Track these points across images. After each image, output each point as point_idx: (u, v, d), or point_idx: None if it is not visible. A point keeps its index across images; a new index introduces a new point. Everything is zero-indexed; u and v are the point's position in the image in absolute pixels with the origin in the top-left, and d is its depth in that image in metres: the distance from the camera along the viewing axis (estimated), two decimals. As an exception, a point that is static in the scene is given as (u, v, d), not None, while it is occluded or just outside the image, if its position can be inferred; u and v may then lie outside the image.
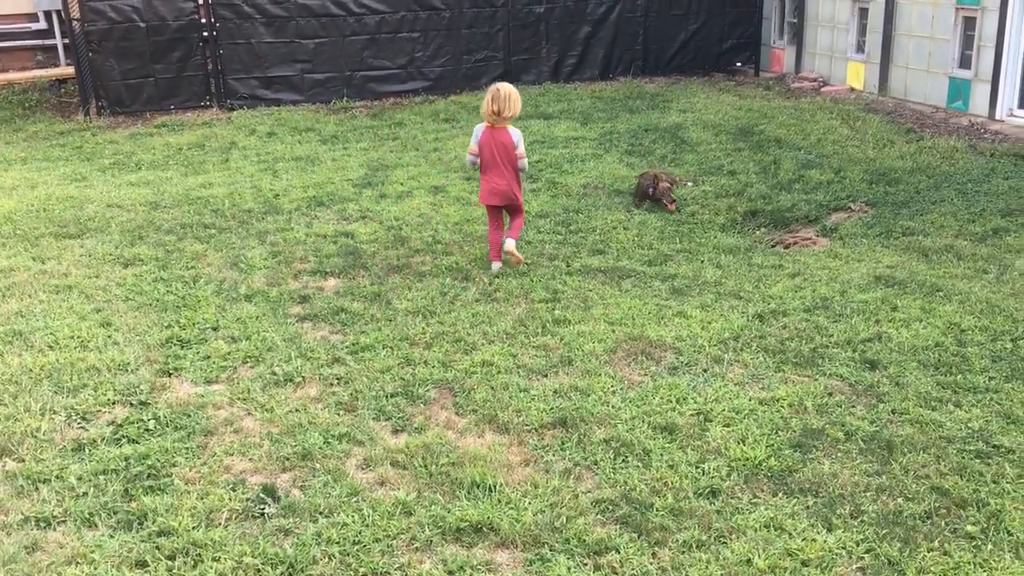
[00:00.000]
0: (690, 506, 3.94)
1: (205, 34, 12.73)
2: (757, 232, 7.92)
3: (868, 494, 4.00)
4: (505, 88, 6.51)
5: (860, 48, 13.02)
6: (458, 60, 13.64)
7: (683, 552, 3.66)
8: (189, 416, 4.73)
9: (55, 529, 3.86)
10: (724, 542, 3.71)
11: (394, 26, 13.28)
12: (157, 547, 3.71)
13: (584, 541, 3.71)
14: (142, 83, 12.60)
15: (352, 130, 11.57)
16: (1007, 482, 4.06)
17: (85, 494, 4.07)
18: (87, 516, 3.92)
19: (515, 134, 6.67)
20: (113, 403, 4.87)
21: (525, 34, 13.84)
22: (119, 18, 12.28)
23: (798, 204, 8.34)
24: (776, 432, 4.50)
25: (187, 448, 4.44)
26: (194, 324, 5.84)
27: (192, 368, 5.28)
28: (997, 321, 5.65)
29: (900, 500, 3.95)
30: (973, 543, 3.68)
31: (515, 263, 6.81)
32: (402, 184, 9.11)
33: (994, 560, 3.58)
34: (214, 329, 5.79)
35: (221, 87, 12.89)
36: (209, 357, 5.40)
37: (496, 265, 6.78)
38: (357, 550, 3.69)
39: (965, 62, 11.28)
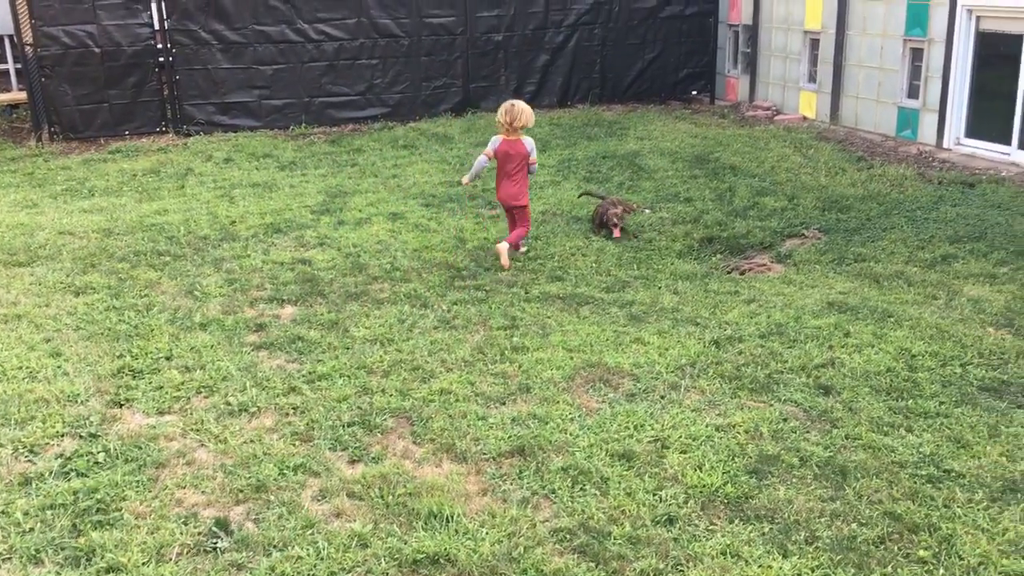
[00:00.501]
0: (647, 534, 3.94)
1: (161, 59, 12.64)
2: (713, 258, 8.00)
3: (823, 520, 4.04)
4: (517, 104, 7.57)
5: (812, 78, 13.29)
6: (417, 87, 13.68)
7: (640, 581, 3.66)
8: (140, 448, 4.64)
9: (0, 567, 3.76)
10: (681, 570, 3.71)
11: (353, 53, 13.29)
12: (105, 584, 3.63)
13: (542, 571, 3.70)
14: (96, 108, 12.46)
15: (310, 156, 11.52)
16: (958, 506, 4.12)
17: (32, 530, 3.97)
18: (34, 552, 3.82)
19: (528, 143, 7.64)
20: (62, 435, 4.77)
21: (484, 61, 13.93)
22: (73, 43, 12.15)
23: (753, 231, 8.45)
24: (732, 458, 4.53)
25: (138, 481, 4.36)
26: (147, 354, 5.75)
27: (144, 399, 5.19)
28: (946, 347, 5.75)
29: (854, 525, 3.99)
30: (926, 568, 3.73)
31: (502, 264, 7.44)
32: (360, 211, 9.08)
33: (946, 584, 3.62)
34: (167, 359, 5.71)
35: (177, 113, 12.78)
36: (162, 387, 5.32)
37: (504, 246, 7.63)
38: (312, 584, 3.64)
39: (913, 92, 11.56)
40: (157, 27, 12.54)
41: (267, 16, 12.80)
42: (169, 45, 12.57)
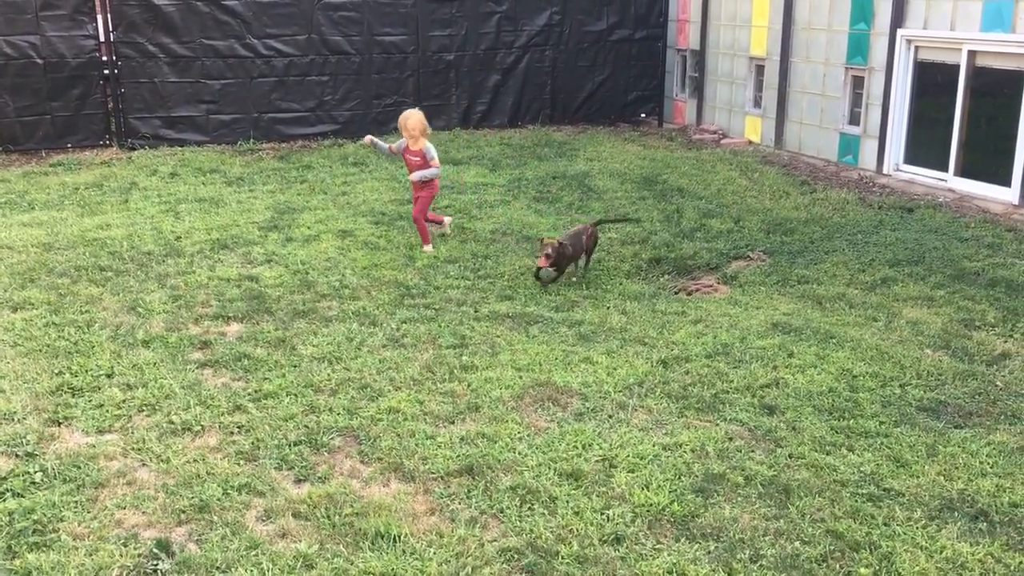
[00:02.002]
0: (595, 553, 3.96)
1: (106, 72, 12.44)
2: (661, 279, 8.09)
3: (767, 538, 4.09)
4: (408, 111, 8.68)
5: (757, 103, 13.56)
6: (368, 104, 13.64)
7: (588, 600, 3.67)
8: (79, 468, 4.54)
9: (-71, 591, 3.64)
10: (628, 589, 3.73)
11: (303, 69, 13.22)
12: (41, 608, 3.53)
13: (489, 591, 3.69)
14: (38, 120, 12.20)
15: (258, 172, 11.42)
16: (897, 524, 4.21)
17: (-37, 552, 3.85)
18: (-35, 576, 3.70)
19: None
20: (-3, 454, 4.64)
21: (435, 80, 13.96)
22: (15, 54, 11.90)
23: (700, 252, 8.57)
24: (679, 477, 4.57)
25: (76, 502, 4.25)
26: (87, 371, 5.63)
27: (84, 417, 5.07)
28: (886, 367, 5.88)
29: (797, 543, 4.05)
30: (866, 585, 3.79)
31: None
32: (309, 228, 9.02)
33: (886, 601, 3.69)
34: (108, 376, 5.59)
35: (122, 126, 12.58)
36: (102, 405, 5.21)
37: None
38: (255, 606, 3.58)
39: (855, 119, 11.85)
40: (103, 39, 12.34)
41: (216, 30, 12.68)
42: (115, 57, 12.39)
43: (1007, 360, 6.09)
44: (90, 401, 5.26)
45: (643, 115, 15.35)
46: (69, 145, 12.37)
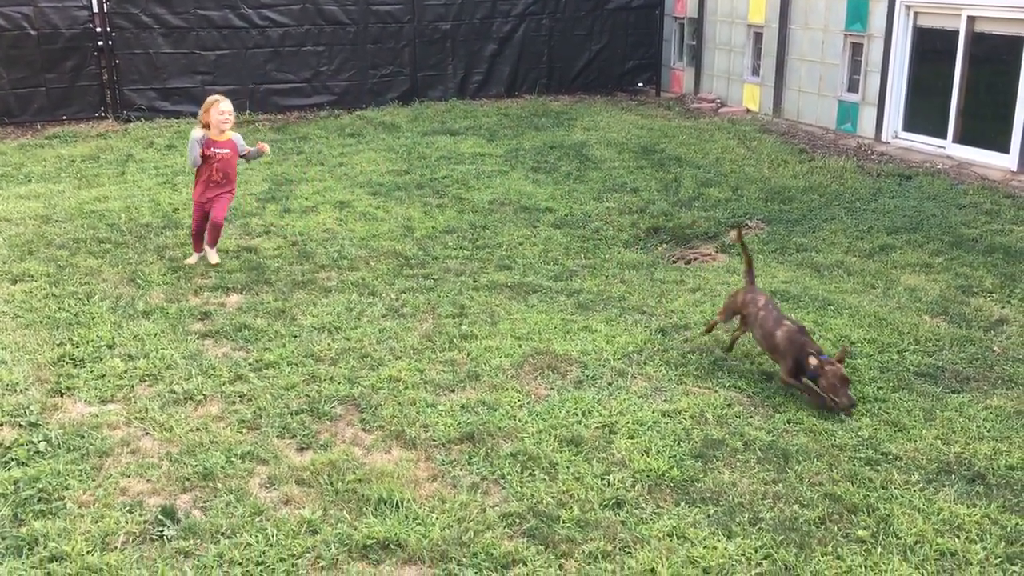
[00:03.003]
0: (596, 517, 4.00)
1: (100, 43, 12.35)
2: (659, 248, 8.10)
3: (766, 502, 4.13)
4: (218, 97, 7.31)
5: (755, 71, 13.49)
6: (364, 75, 13.57)
7: (589, 563, 3.71)
8: (83, 437, 4.56)
9: (-63, 558, 3.67)
10: (629, 552, 3.77)
11: (298, 39, 13.14)
12: (49, 573, 3.57)
13: (491, 555, 3.72)
14: (32, 92, 12.13)
15: (255, 144, 11.34)
16: (895, 488, 4.25)
17: (-30, 520, 3.88)
18: (-28, 543, 3.74)
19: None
20: (0, 425, 4.66)
21: (431, 50, 13.88)
22: (8, 25, 11.81)
23: (698, 221, 8.57)
24: (678, 443, 4.61)
25: (81, 470, 4.28)
26: (88, 342, 5.64)
27: (86, 387, 5.10)
28: (884, 334, 5.91)
29: (796, 507, 4.09)
30: (864, 547, 3.84)
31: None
32: (307, 199, 9.00)
33: (884, 563, 3.73)
34: (109, 347, 5.61)
35: (117, 98, 12.51)
36: (104, 376, 5.23)
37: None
38: (261, 571, 3.62)
39: (853, 86, 11.81)
40: (96, 10, 12.24)
41: (210, 0, 12.58)
42: (109, 28, 12.29)
43: (1004, 325, 6.11)
44: (92, 371, 5.28)
45: (640, 84, 15.28)
46: (64, 117, 12.31)
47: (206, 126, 7.08)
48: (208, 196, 7.17)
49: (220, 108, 7.07)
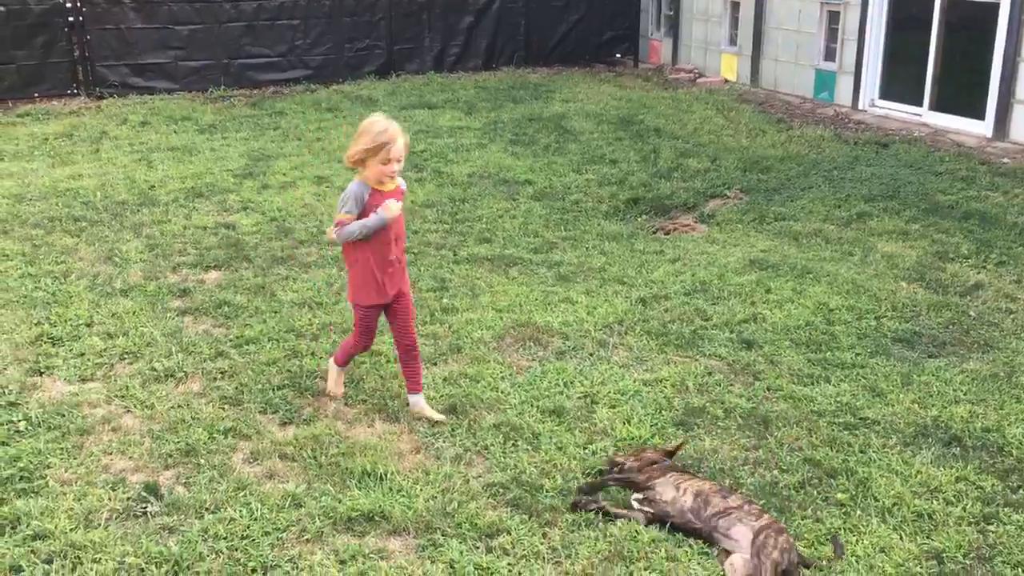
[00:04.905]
0: (578, 486, 4.02)
1: (71, 19, 12.14)
2: (639, 219, 8.11)
3: (746, 467, 4.18)
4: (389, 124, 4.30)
5: (733, 41, 13.47)
6: (340, 49, 13.44)
7: (572, 531, 3.74)
8: (63, 416, 4.54)
9: (-82, 539, 3.66)
10: (611, 520, 3.81)
11: (273, 13, 12.98)
12: (33, 551, 3.56)
13: (476, 525, 3.75)
14: (2, 70, 11.92)
15: (231, 119, 11.26)
16: (873, 451, 4.31)
17: (-49, 501, 3.86)
18: (-46, 523, 3.72)
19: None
20: (-21, 405, 4.63)
21: (408, 23, 13.75)
22: (-25, 1, 11.60)
23: (677, 192, 8.58)
24: (660, 411, 4.65)
25: (62, 448, 4.27)
26: (66, 321, 5.60)
27: (65, 366, 5.06)
28: (862, 301, 5.96)
29: (776, 472, 4.14)
30: (843, 510, 3.89)
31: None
32: (285, 174, 8.94)
33: (862, 525, 3.79)
34: (88, 325, 5.57)
35: (89, 74, 12.33)
36: (83, 354, 5.19)
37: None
38: (246, 544, 3.63)
39: (830, 55, 11.82)
40: (65, -16, 12.04)
41: (182, -26, 12.41)
42: (79, 3, 12.08)
43: (980, 290, 6.18)
44: (71, 350, 5.24)
45: (618, 55, 15.22)
46: (36, 95, 12.12)
47: (358, 164, 4.29)
48: (387, 284, 4.46)
49: (399, 146, 4.25)
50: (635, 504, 3.83)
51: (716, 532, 3.60)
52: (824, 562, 3.54)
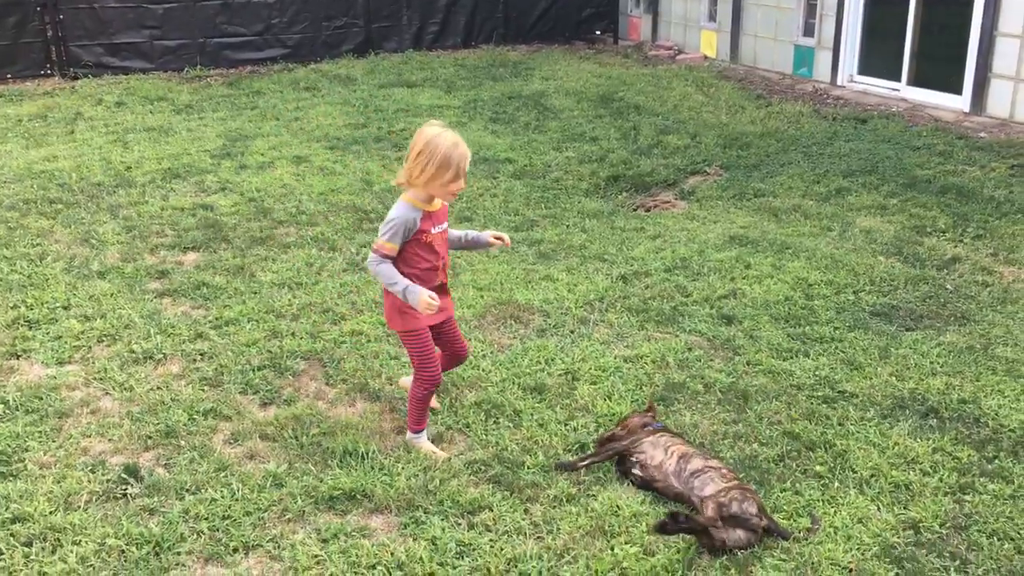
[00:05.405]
0: (557, 463, 4.03)
1: (43, -2, 11.99)
2: (619, 196, 8.11)
3: (726, 441, 4.21)
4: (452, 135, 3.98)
5: (712, 17, 13.44)
6: (317, 27, 13.32)
7: (554, 506, 3.76)
8: (41, 399, 4.51)
9: None
10: (592, 495, 3.83)
11: (248, -9, 12.85)
12: (12, 534, 3.54)
13: (458, 502, 3.76)
14: (-26, 50, 11.77)
15: (208, 99, 11.15)
16: (851, 424, 4.34)
17: (-72, 485, 3.83)
18: (-68, 508, 3.70)
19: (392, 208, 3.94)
20: (-44, 389, 4.59)
21: (386, 1, 13.64)
22: (-56, -20, 11.41)
23: (657, 169, 8.58)
24: (640, 387, 4.66)
25: (40, 431, 4.24)
26: (42, 303, 5.55)
27: (42, 349, 5.02)
28: (840, 275, 5.99)
29: (755, 445, 4.17)
30: (822, 482, 3.93)
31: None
32: (263, 154, 8.87)
33: (840, 496, 3.82)
34: (65, 308, 5.52)
35: (63, 55, 12.17)
36: (61, 337, 5.15)
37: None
38: (227, 524, 3.62)
39: (809, 30, 11.82)
40: (36, -37, 11.86)
41: (155, -48, 12.24)
42: (50, -18, 11.92)
43: (957, 264, 6.23)
44: (48, 333, 5.20)
45: (598, 32, 15.17)
46: (8, 76, 11.97)
47: (407, 183, 3.88)
48: (439, 306, 3.87)
49: (467, 163, 3.94)
50: (635, 472, 3.86)
51: (691, 492, 3.65)
52: (802, 533, 3.58)
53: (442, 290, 4.04)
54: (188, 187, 7.92)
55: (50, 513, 3.66)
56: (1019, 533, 3.60)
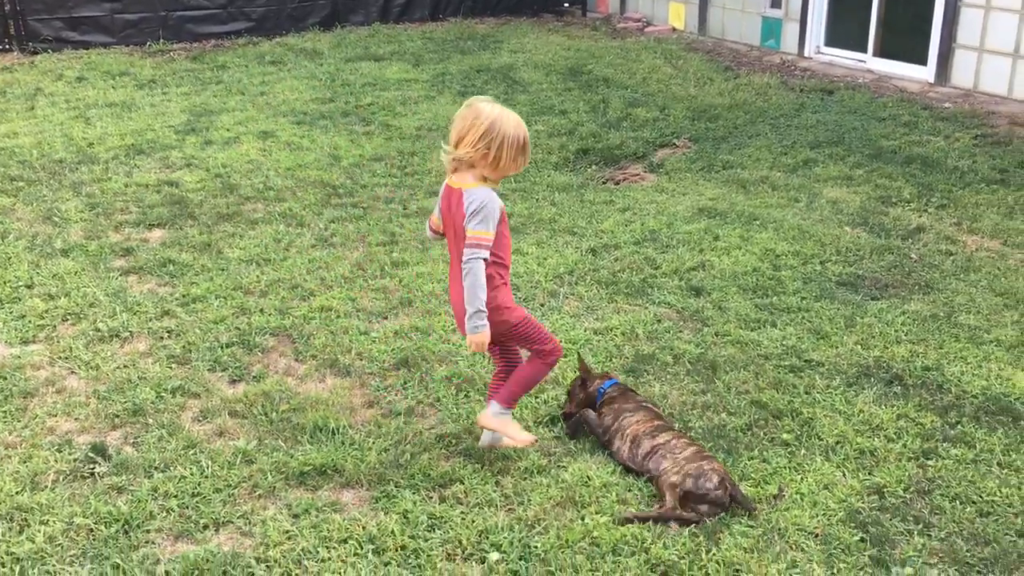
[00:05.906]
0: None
1: (-1, -30, 11.70)
2: (589, 169, 8.10)
3: (695, 411, 4.24)
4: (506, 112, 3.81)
5: (681, -11, 13.41)
6: (282, 0, 13.12)
7: (525, 478, 3.78)
8: (5, 379, 4.46)
9: None
10: (563, 466, 3.85)
11: (211, -37, 12.62)
12: (-23, 516, 3.51)
13: (429, 475, 3.77)
14: (-72, 25, 11.49)
15: (171, 74, 10.97)
16: (817, 392, 4.40)
17: None
18: None
19: (468, 197, 3.62)
20: (-83, 370, 4.52)
21: (351, -27, 13.47)
22: None
23: (626, 142, 8.58)
24: (610, 359, 4.69)
25: (4, 411, 4.19)
26: (5, 282, 5.47)
27: (5, 328, 4.96)
28: (808, 246, 6.04)
29: (724, 415, 4.21)
30: (788, 449, 3.98)
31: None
32: (228, 130, 8.76)
33: (807, 463, 3.88)
34: (28, 287, 5.44)
35: (21, 29, 11.90)
36: (24, 316, 5.09)
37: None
38: (197, 502, 3.61)
39: (776, 2, 11.82)
40: (-9, -66, 11.57)
41: (115, -77, 11.98)
42: (6, -46, 11.63)
43: (921, 233, 6.30)
44: (11, 312, 5.13)
45: (566, 5, 15.09)
46: (-35, 51, 11.70)
47: (467, 166, 3.67)
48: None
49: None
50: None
51: (652, 474, 3.70)
52: (769, 500, 3.62)
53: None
54: (152, 163, 7.81)
55: (16, 493, 3.63)
56: (981, 496, 3.67)
